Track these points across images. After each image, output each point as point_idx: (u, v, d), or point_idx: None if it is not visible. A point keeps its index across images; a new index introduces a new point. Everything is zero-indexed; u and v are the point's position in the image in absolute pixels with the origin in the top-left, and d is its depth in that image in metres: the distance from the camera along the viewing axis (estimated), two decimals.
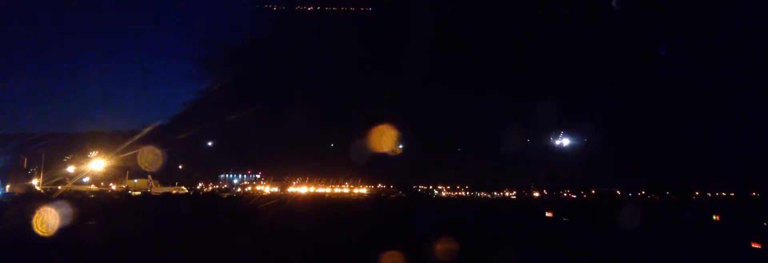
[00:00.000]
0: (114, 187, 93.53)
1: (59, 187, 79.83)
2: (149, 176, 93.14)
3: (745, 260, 21.11)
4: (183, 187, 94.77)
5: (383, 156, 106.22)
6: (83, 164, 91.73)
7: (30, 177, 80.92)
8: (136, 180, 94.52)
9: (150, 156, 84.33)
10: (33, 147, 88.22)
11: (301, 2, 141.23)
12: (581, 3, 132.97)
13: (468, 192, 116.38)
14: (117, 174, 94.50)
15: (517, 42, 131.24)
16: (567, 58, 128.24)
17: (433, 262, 18.57)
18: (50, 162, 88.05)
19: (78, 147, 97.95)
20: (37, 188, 76.28)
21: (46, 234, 23.74)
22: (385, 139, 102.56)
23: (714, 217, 46.52)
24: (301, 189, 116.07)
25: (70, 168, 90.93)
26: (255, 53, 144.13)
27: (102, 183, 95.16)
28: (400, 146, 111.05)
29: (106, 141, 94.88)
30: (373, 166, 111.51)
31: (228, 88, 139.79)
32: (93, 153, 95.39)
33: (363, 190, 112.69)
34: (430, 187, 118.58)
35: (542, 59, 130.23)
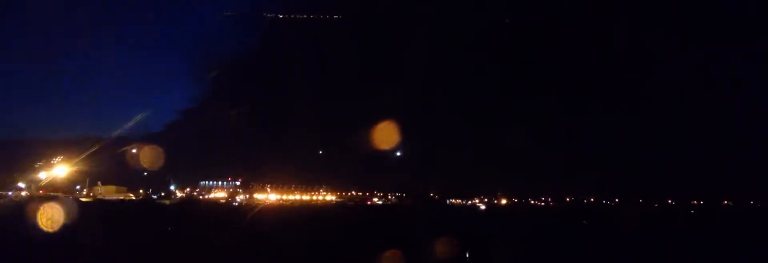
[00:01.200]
0: (61, 194, 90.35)
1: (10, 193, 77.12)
2: (99, 183, 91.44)
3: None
4: (130, 194, 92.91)
5: (362, 165, 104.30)
6: (35, 172, 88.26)
7: None
8: (79, 188, 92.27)
9: (119, 162, 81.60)
10: None
11: (286, 12, 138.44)
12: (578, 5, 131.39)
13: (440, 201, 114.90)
14: (72, 181, 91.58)
15: (507, 45, 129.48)
16: (558, 62, 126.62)
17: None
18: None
19: (27, 154, 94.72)
20: None
21: None
22: (363, 146, 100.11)
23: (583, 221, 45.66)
24: (270, 196, 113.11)
25: (42, 174, 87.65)
26: (239, 64, 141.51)
27: (61, 191, 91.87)
28: (395, 152, 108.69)
29: (61, 148, 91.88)
30: (343, 175, 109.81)
31: (210, 97, 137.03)
32: (49, 161, 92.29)
33: (331, 197, 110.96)
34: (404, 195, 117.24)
35: (533, 63, 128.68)
